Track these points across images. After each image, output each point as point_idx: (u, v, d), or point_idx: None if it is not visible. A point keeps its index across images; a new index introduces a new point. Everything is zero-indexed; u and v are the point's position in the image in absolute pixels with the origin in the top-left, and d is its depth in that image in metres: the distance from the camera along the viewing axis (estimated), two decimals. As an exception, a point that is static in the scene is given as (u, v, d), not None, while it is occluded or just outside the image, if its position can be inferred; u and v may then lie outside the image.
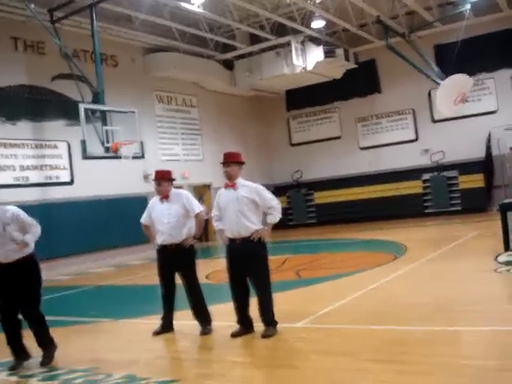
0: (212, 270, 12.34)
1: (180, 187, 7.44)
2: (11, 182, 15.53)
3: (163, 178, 7.01)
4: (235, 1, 16.84)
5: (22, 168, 15.90)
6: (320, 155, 24.65)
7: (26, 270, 6.07)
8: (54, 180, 16.69)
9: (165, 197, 6.97)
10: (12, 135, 15.71)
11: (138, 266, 16.22)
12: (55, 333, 7.91)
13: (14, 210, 6.20)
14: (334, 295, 8.37)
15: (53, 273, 15.52)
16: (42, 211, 15.89)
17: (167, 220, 6.84)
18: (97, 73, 15.44)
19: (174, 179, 7.15)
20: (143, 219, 7.29)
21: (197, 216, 6.93)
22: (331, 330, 6.36)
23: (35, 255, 6.27)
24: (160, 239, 6.95)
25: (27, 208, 16.13)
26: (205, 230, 22.57)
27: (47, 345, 6.24)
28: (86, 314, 9.13)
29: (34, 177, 16.17)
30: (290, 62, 20.60)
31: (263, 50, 21.33)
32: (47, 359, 6.12)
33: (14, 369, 5.97)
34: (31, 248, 6.17)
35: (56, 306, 10.89)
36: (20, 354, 6.13)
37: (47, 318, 6.29)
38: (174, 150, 20.96)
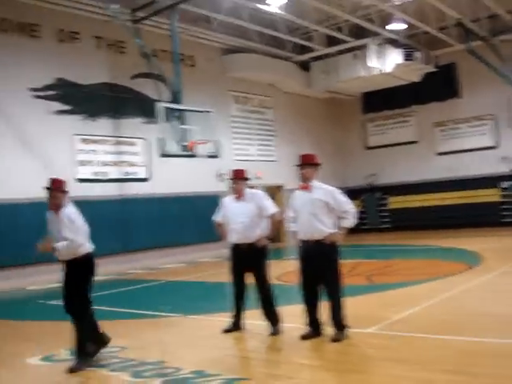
0: (283, 271, 12.35)
1: (252, 187, 7.46)
2: (91, 176, 16.05)
3: (239, 177, 7.07)
4: (313, 2, 16.77)
5: (102, 163, 16.39)
6: (396, 159, 24.23)
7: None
8: (132, 176, 17.12)
9: (239, 196, 7.02)
10: (93, 131, 16.23)
11: (208, 264, 16.42)
12: (128, 325, 8.15)
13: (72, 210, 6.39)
14: (407, 302, 8.23)
15: (127, 266, 15.98)
16: (120, 206, 16.41)
17: (241, 219, 6.88)
18: (175, 72, 15.74)
19: (248, 178, 7.20)
20: (217, 217, 7.36)
21: (271, 216, 6.94)
22: (402, 338, 6.25)
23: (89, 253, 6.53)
24: (233, 238, 7.00)
25: (106, 203, 16.63)
26: (277, 231, 22.65)
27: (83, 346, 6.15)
28: (157, 308, 9.31)
29: (113, 172, 16.65)
30: (367, 65, 20.35)
31: (340, 52, 21.15)
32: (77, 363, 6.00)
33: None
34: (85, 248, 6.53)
35: (129, 298, 11.18)
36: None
37: (122, 310, 6.44)
38: (249, 151, 21.10)
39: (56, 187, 6.34)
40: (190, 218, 17.78)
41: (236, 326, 6.99)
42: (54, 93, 15.50)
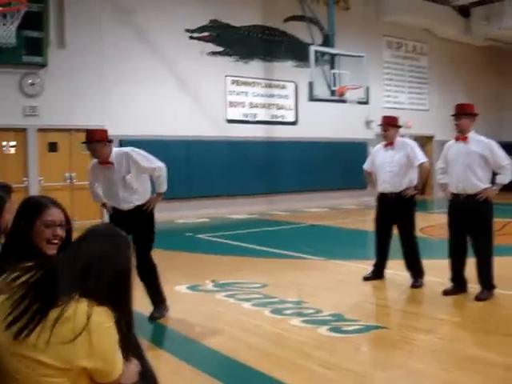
0: (427, 224, 12.06)
1: (403, 136, 7.25)
2: (241, 117, 16.43)
3: (391, 124, 6.86)
4: None
5: (252, 105, 16.70)
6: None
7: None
8: (280, 119, 17.31)
9: (389, 144, 6.84)
10: (244, 73, 16.51)
11: (351, 210, 16.40)
12: (270, 263, 8.39)
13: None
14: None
15: (271, 207, 16.34)
16: (266, 148, 16.70)
17: (389, 168, 6.72)
18: (329, 15, 15.52)
19: (400, 126, 7.00)
20: (366, 165, 7.25)
21: (420, 166, 6.70)
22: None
23: None
24: (380, 187, 6.88)
25: (253, 144, 16.89)
26: (425, 182, 22.04)
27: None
28: (299, 249, 9.47)
29: (262, 115, 16.91)
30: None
31: (506, -3, 19.71)
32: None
33: None
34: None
35: (271, 238, 11.47)
36: None
37: (264, 248, 6.57)
38: (399, 98, 20.51)
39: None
40: (335, 164, 17.76)
41: (377, 275, 6.96)
42: (208, 34, 15.87)
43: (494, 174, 6.07)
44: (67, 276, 1.98)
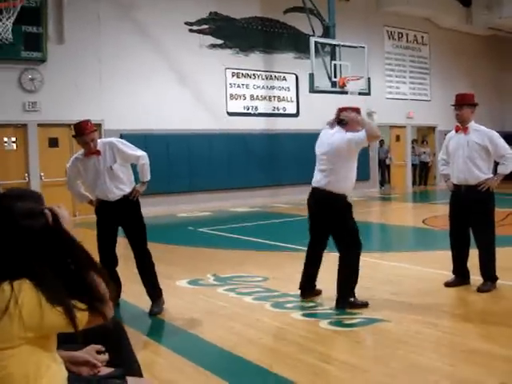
0: (430, 215, 12.01)
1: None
2: (241, 110, 16.37)
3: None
4: None
5: (252, 98, 16.63)
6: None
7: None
8: (281, 111, 17.24)
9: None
10: (244, 65, 16.45)
11: (354, 202, 16.30)
12: (271, 256, 8.36)
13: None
14: None
15: (273, 199, 16.31)
16: (268, 140, 16.65)
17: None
18: (329, 6, 15.41)
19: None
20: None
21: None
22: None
23: None
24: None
25: (254, 136, 16.83)
26: (426, 173, 21.94)
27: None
28: (302, 242, 9.40)
29: (263, 107, 16.85)
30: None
31: (507, -14, 19.59)
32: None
33: None
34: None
35: (273, 231, 11.45)
36: None
37: (266, 241, 6.53)
38: (400, 89, 20.42)
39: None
40: (336, 156, 17.67)
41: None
42: (207, 27, 15.81)
43: (496, 164, 6.01)
44: None
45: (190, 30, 15.50)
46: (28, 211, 1.97)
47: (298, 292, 5.94)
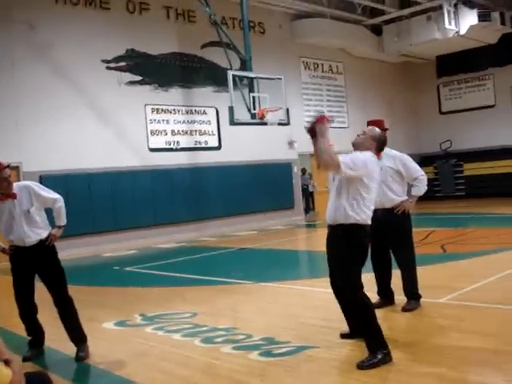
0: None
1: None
2: (163, 145, 16.32)
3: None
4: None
5: (173, 133, 16.63)
6: (472, 125, 23.40)
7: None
8: (203, 145, 17.30)
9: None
10: (164, 101, 16.45)
11: (280, 231, 16.47)
12: (199, 291, 8.29)
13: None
14: (481, 272, 7.99)
15: (199, 234, 16.25)
16: (191, 175, 16.65)
17: None
18: (245, 40, 15.65)
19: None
20: None
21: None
22: (475, 309, 6.09)
23: None
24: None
25: (177, 171, 16.90)
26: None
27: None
28: (228, 275, 9.42)
29: (184, 141, 16.86)
30: (441, 27, 19.52)
31: (413, 14, 20.41)
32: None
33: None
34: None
35: (201, 265, 11.37)
36: None
37: (193, 276, 6.51)
38: (319, 118, 20.85)
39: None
40: (261, 186, 17.84)
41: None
42: (125, 64, 15.75)
43: (410, 187, 6.22)
44: None
45: (108, 68, 15.38)
46: None
47: (227, 325, 5.91)
